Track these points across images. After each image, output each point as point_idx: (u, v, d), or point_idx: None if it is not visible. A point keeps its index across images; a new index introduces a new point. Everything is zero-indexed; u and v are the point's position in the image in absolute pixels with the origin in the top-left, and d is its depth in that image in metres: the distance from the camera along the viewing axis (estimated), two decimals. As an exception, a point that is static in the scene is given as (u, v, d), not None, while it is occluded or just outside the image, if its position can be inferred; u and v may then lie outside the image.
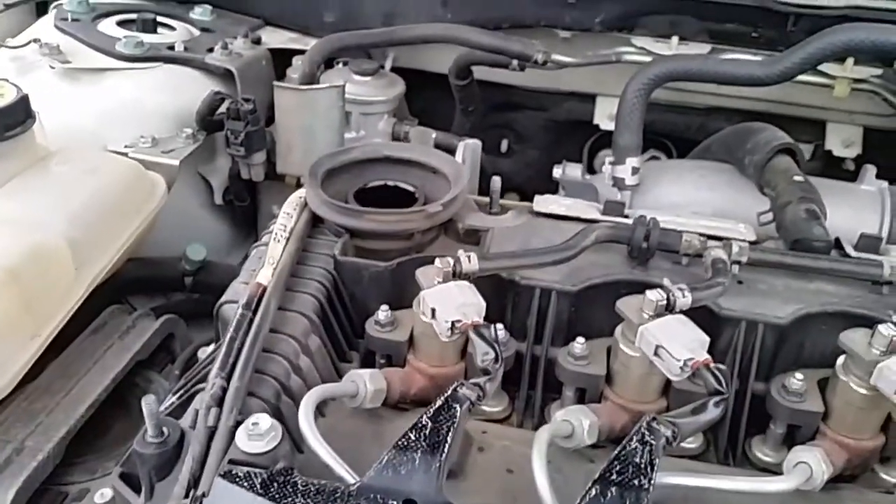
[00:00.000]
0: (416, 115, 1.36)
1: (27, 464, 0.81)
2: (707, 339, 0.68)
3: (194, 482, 0.60)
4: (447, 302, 0.71)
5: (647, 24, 1.23)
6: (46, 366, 0.93)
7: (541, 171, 1.35)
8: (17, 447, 0.83)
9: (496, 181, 0.94)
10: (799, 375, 0.74)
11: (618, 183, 1.06)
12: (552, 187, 1.18)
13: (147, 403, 0.63)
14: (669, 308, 0.71)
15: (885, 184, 1.05)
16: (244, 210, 1.33)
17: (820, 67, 1.15)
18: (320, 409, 0.73)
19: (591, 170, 1.45)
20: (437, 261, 0.75)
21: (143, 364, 0.99)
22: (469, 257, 0.76)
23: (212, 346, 0.81)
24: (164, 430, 0.65)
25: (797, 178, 0.94)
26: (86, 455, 0.90)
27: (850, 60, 1.15)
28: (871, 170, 1.07)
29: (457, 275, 0.75)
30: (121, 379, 0.94)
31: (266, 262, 0.80)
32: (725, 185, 1.05)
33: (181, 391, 0.73)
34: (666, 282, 0.73)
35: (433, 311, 0.71)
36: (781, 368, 0.78)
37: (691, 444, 0.77)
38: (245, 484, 0.58)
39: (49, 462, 0.83)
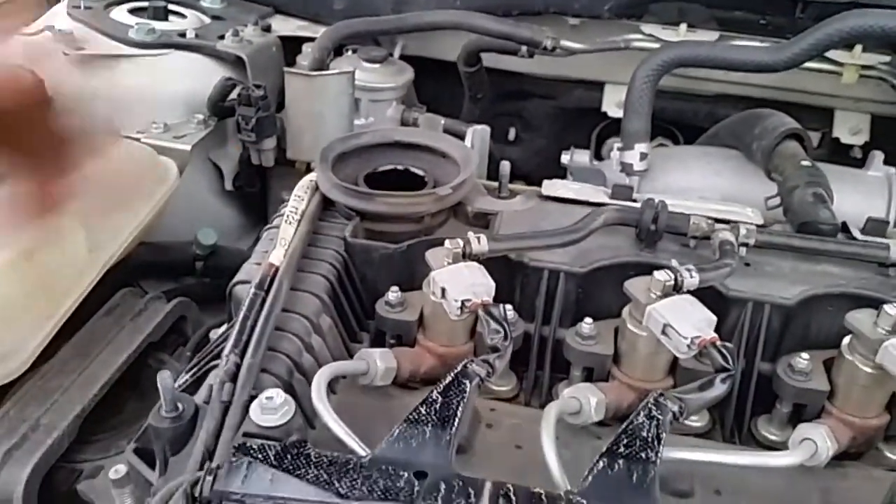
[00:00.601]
0: (425, 103, 1.37)
1: (43, 441, 0.82)
2: (714, 318, 0.69)
3: (209, 455, 0.62)
4: (457, 282, 0.72)
5: (655, 11, 1.23)
6: (61, 346, 0.94)
7: (549, 158, 1.36)
8: (33, 425, 0.84)
9: (505, 165, 0.95)
10: (805, 355, 0.75)
11: (626, 168, 1.07)
12: (560, 175, 1.18)
13: (162, 378, 0.65)
14: (677, 288, 0.72)
15: (892, 170, 1.06)
16: (254, 196, 1.34)
17: (828, 54, 1.15)
18: (331, 387, 0.74)
19: (598, 157, 1.46)
20: (446, 242, 0.76)
21: (156, 346, 1.00)
22: (479, 239, 0.77)
23: (223, 328, 0.82)
24: (179, 405, 0.66)
25: (804, 162, 0.95)
26: (100, 434, 0.92)
27: (859, 47, 1.15)
28: (878, 156, 1.07)
29: (466, 256, 0.76)
30: (133, 360, 0.95)
31: (278, 244, 0.81)
32: (733, 170, 1.05)
33: (195, 368, 0.74)
34: (674, 263, 0.74)
35: (443, 290, 0.72)
36: (788, 349, 0.79)
37: (698, 422, 0.78)
38: (259, 456, 0.59)
39: (64, 440, 0.84)
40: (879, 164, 1.06)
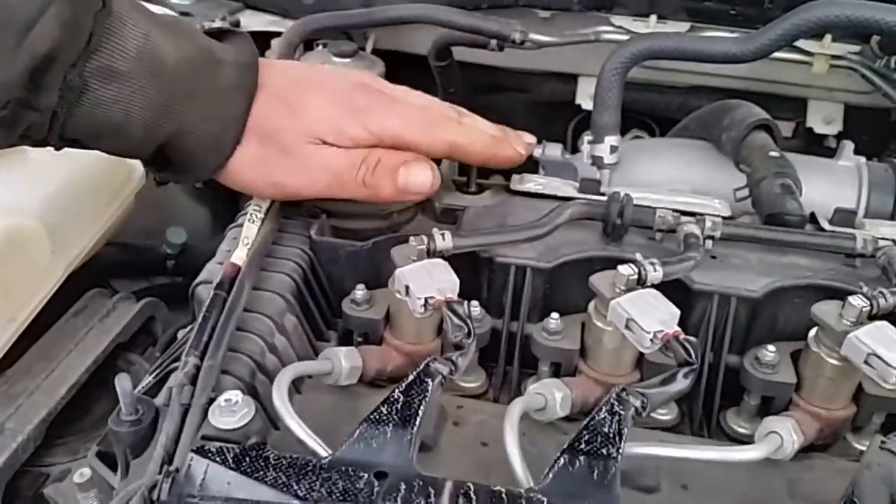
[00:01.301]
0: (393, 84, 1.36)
1: (7, 445, 0.81)
2: (677, 311, 0.68)
3: (168, 458, 0.61)
4: (421, 279, 0.72)
5: (625, 3, 1.22)
6: (27, 349, 0.93)
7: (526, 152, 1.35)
8: (-3, 429, 0.83)
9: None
10: (772, 348, 0.75)
11: (596, 161, 1.06)
12: (535, 167, 1.18)
13: (120, 382, 0.64)
14: (641, 282, 0.72)
15: (862, 159, 1.05)
16: (224, 193, 1.33)
17: (798, 44, 1.15)
18: (297, 387, 0.74)
19: (575, 149, 1.45)
20: (411, 239, 0.76)
21: (125, 346, 0.99)
22: (443, 235, 0.76)
23: (189, 328, 0.81)
24: (139, 408, 0.65)
25: (773, 153, 0.94)
26: (67, 436, 0.91)
27: (828, 37, 1.15)
28: (848, 145, 1.07)
29: (431, 253, 0.76)
30: (102, 361, 0.94)
31: (241, 243, 0.80)
32: (703, 162, 1.05)
33: (157, 370, 0.73)
34: (638, 256, 0.73)
35: (407, 288, 0.72)
36: (755, 341, 0.79)
37: (666, 415, 0.78)
38: (218, 459, 0.58)
39: (30, 444, 0.83)
40: (850, 154, 1.06)
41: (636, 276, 0.71)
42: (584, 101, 1.36)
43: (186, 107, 0.73)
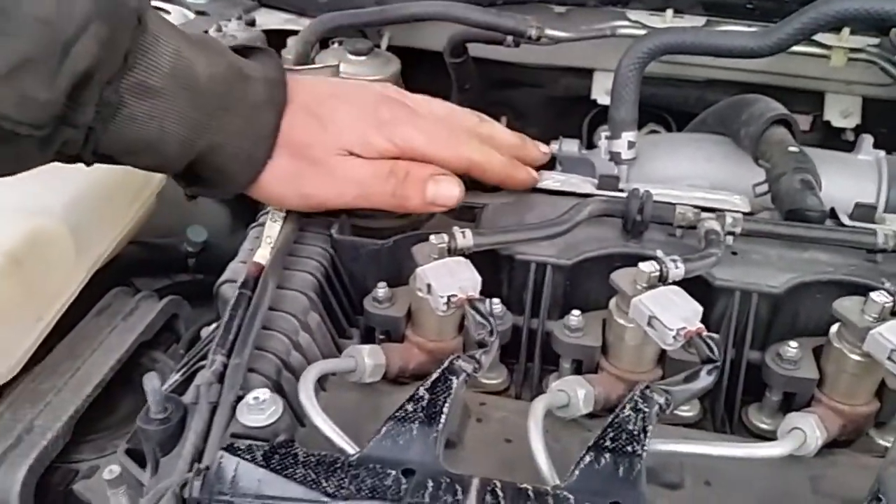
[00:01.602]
0: (414, 93, 1.36)
1: (37, 443, 0.83)
2: (700, 308, 0.68)
3: (198, 456, 0.62)
4: (443, 277, 0.72)
5: (641, -3, 1.23)
6: (53, 347, 0.94)
7: (542, 146, 1.35)
8: (27, 427, 0.84)
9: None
10: (793, 343, 0.75)
11: (614, 157, 1.06)
12: (553, 163, 1.18)
13: (148, 380, 0.65)
14: (663, 279, 0.72)
15: (882, 153, 1.05)
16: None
17: (816, 37, 1.15)
18: (321, 384, 0.74)
19: (591, 145, 1.45)
20: (431, 237, 0.76)
21: (148, 344, 1.00)
22: (464, 233, 0.77)
23: (213, 326, 0.82)
24: (167, 406, 0.66)
25: (792, 148, 0.94)
26: (94, 434, 0.92)
27: (847, 30, 1.14)
28: (867, 139, 1.06)
29: (452, 251, 0.76)
30: (126, 359, 0.96)
31: (263, 242, 0.81)
32: (722, 156, 1.05)
33: (184, 368, 0.74)
34: (659, 253, 0.74)
35: (429, 286, 0.72)
36: (777, 337, 0.79)
37: (688, 412, 0.79)
38: (247, 457, 0.59)
39: (59, 441, 0.85)
40: (869, 148, 1.06)
41: (658, 273, 0.71)
42: (600, 95, 1.36)
43: (219, 123, 0.74)
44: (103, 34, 0.64)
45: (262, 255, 0.79)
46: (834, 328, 0.73)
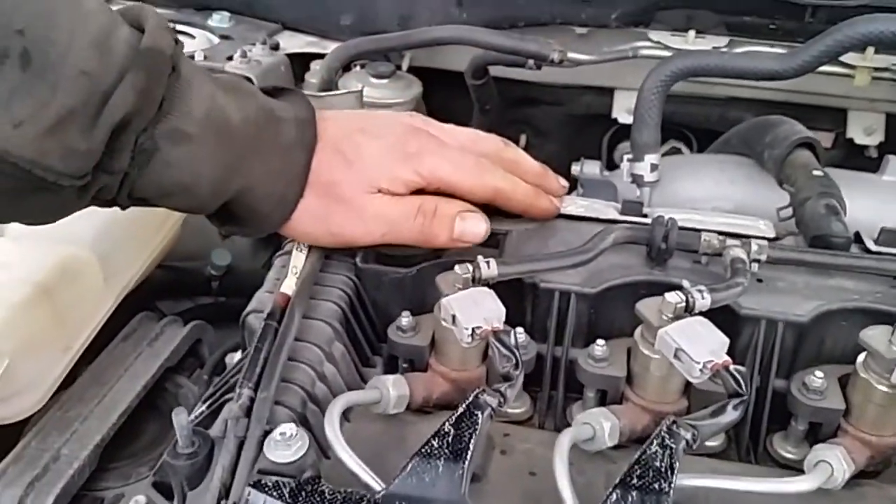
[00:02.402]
0: (435, 113, 1.36)
1: (64, 471, 0.83)
2: (727, 340, 0.68)
3: (225, 492, 0.62)
4: (467, 308, 0.72)
5: (663, 18, 1.22)
6: (79, 373, 0.95)
7: (561, 164, 1.34)
8: (54, 455, 0.85)
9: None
10: (819, 373, 0.74)
11: (637, 180, 1.06)
12: (573, 182, 1.18)
13: (177, 416, 0.65)
14: (689, 310, 0.71)
15: (906, 174, 1.04)
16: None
17: (840, 57, 1.14)
18: (345, 415, 0.75)
19: (611, 161, 1.45)
20: (456, 267, 0.76)
21: (173, 370, 1.01)
22: (488, 263, 0.77)
23: (238, 354, 0.83)
24: (195, 440, 0.67)
25: (816, 172, 0.94)
26: (120, 461, 0.93)
27: (871, 49, 1.13)
28: (893, 160, 1.06)
29: (476, 280, 0.76)
30: (151, 385, 0.96)
31: (290, 272, 0.82)
32: (745, 179, 1.05)
33: (210, 400, 0.75)
34: (685, 283, 0.73)
35: (454, 317, 0.72)
36: (802, 365, 0.79)
37: (713, 442, 0.78)
38: (275, 493, 0.60)
39: (85, 469, 0.85)
40: (894, 169, 1.05)
41: (684, 304, 0.71)
42: (621, 114, 1.36)
43: (251, 165, 0.75)
44: (140, 83, 0.65)
45: (289, 286, 0.79)
46: (861, 358, 0.72)
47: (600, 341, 0.78)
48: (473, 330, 0.71)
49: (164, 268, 1.15)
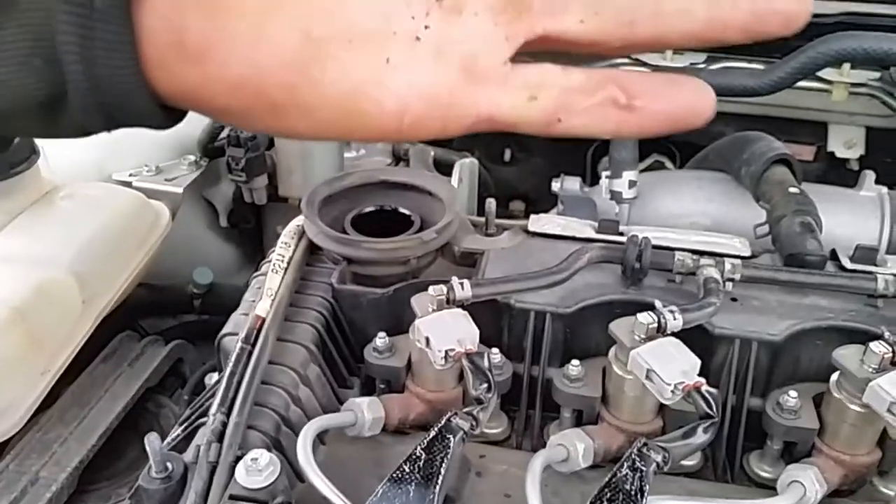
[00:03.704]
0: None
1: (42, 495, 0.83)
2: (698, 361, 0.68)
3: (197, 517, 0.62)
4: (441, 331, 0.72)
5: (642, 34, 1.23)
6: (59, 394, 0.95)
7: (546, 178, 1.35)
8: (32, 479, 0.85)
9: (491, 203, 0.95)
10: (793, 393, 0.74)
11: (615, 196, 1.07)
12: (555, 200, 1.19)
13: (150, 441, 0.65)
14: (661, 330, 0.72)
15: (884, 189, 1.05)
16: (250, 230, 1.35)
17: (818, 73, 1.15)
18: (321, 437, 0.75)
19: (595, 176, 1.46)
20: (430, 288, 0.76)
21: (154, 389, 1.01)
22: (462, 284, 0.77)
23: (216, 376, 0.83)
24: (168, 465, 0.67)
25: (792, 189, 0.94)
26: (99, 482, 0.93)
27: (847, 65, 1.14)
28: (870, 175, 1.06)
29: (451, 302, 0.76)
30: (132, 406, 0.96)
31: (265, 294, 0.82)
32: (723, 195, 1.05)
33: (185, 423, 0.75)
34: (657, 304, 0.74)
35: (427, 340, 0.72)
36: (777, 383, 0.79)
37: (689, 461, 0.78)
38: (245, 519, 0.59)
39: (63, 492, 0.85)
40: (871, 184, 1.06)
41: (656, 325, 0.71)
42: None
43: None
44: None
45: (263, 308, 0.79)
46: (834, 377, 0.72)
47: (575, 361, 0.78)
48: (447, 352, 0.71)
49: (145, 286, 1.15)
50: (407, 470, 0.62)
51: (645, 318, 0.71)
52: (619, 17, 0.37)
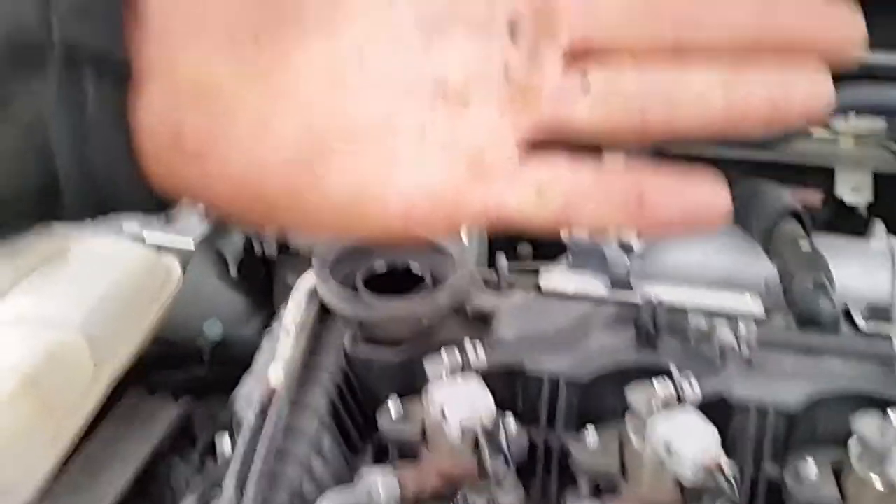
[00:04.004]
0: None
1: (54, 566, 0.83)
2: (717, 437, 0.68)
3: None
4: (455, 400, 0.72)
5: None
6: (70, 458, 0.95)
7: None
8: (43, 551, 0.84)
9: (502, 260, 0.95)
10: (812, 463, 0.74)
11: (624, 247, 1.06)
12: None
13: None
14: (679, 399, 0.71)
15: (894, 239, 1.05)
16: (261, 280, 1.35)
17: (824, 120, 1.15)
18: (335, 511, 0.74)
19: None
20: (443, 353, 0.76)
21: (164, 452, 1.01)
22: (476, 350, 0.77)
23: (227, 439, 0.82)
24: (182, 545, 0.66)
25: (804, 246, 0.94)
26: (109, 548, 0.92)
27: (853, 114, 1.14)
28: (880, 225, 1.06)
29: (464, 366, 0.76)
30: (142, 469, 0.96)
31: (277, 359, 0.82)
32: (733, 248, 1.05)
33: (197, 496, 0.74)
34: (674, 371, 0.73)
35: (442, 412, 0.72)
36: (795, 450, 0.78)
37: (707, 532, 0.77)
38: None
39: (73, 563, 0.85)
40: (882, 234, 1.06)
41: (675, 395, 0.71)
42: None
43: None
44: None
45: (276, 376, 0.79)
46: (854, 448, 0.72)
47: (591, 430, 0.77)
48: (463, 429, 0.71)
49: (155, 341, 1.15)
50: (424, 553, 0.61)
51: (662, 388, 0.71)
52: (628, 105, 0.35)
